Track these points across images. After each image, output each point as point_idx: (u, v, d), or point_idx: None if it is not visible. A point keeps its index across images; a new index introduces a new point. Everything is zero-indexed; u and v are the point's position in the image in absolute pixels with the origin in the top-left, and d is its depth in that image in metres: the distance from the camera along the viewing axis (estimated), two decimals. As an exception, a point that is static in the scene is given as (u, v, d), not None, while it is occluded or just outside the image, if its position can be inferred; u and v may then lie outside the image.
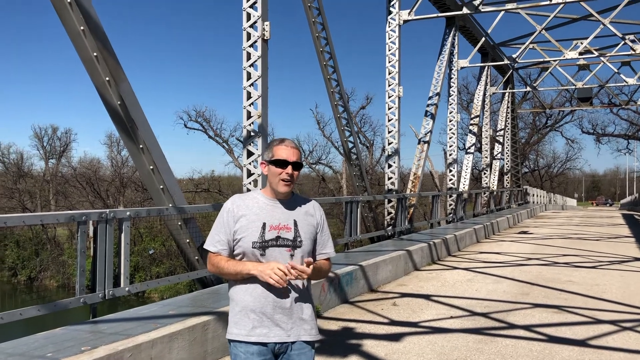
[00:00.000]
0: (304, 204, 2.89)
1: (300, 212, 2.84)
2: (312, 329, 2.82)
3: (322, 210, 2.94)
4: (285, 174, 2.75)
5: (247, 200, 2.83)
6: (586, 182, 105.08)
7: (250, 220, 2.75)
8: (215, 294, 6.58)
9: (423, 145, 17.89)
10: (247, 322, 2.73)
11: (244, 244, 2.73)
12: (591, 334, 6.46)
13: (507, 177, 31.46)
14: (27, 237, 40.57)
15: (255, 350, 2.72)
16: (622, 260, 12.72)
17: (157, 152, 7.02)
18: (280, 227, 2.75)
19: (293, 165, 2.76)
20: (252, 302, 2.72)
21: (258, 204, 2.81)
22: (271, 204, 2.81)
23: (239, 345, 2.74)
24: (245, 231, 2.74)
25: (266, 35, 8.85)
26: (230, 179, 50.41)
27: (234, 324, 2.77)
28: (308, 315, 2.81)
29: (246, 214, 2.76)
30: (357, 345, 5.97)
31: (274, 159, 2.77)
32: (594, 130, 57.45)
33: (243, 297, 2.75)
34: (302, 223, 2.81)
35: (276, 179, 2.77)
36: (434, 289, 9.12)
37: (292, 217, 2.80)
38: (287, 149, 2.77)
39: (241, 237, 2.74)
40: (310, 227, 2.83)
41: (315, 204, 2.94)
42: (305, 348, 2.79)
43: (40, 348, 4.32)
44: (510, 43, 26.76)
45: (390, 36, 14.93)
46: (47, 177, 49.79)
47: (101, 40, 6.43)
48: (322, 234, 2.90)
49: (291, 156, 2.76)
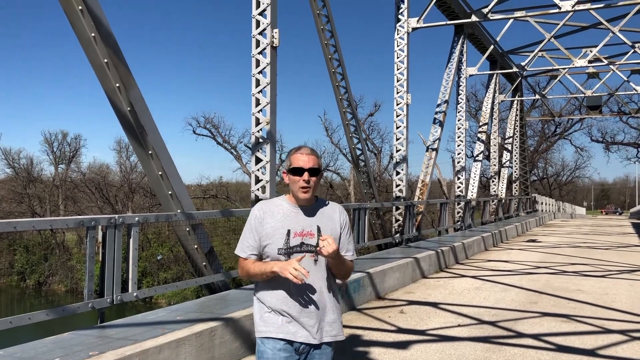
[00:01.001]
0: (327, 209, 2.96)
1: (324, 217, 2.92)
2: (335, 331, 2.89)
3: (345, 214, 3.01)
4: (302, 182, 2.82)
5: (272, 207, 2.91)
6: (595, 191, 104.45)
7: (275, 228, 2.83)
8: (223, 300, 6.59)
9: (431, 152, 17.87)
10: (276, 320, 2.82)
11: (270, 251, 2.83)
12: (600, 343, 6.41)
13: (516, 185, 31.32)
14: (35, 242, 40.80)
15: (282, 347, 2.81)
16: (632, 269, 12.61)
17: (166, 158, 7.05)
18: (304, 234, 2.84)
19: (310, 172, 2.82)
20: (279, 304, 2.82)
21: (282, 210, 2.89)
22: (295, 210, 2.89)
23: (267, 341, 2.83)
24: (270, 238, 2.83)
25: (275, 43, 8.89)
26: (239, 185, 50.54)
27: (263, 323, 2.85)
28: (333, 319, 2.88)
29: (270, 222, 2.85)
30: (365, 352, 5.95)
31: (291, 167, 2.85)
32: (604, 138, 57.21)
33: (270, 300, 2.84)
34: (325, 228, 2.88)
35: (295, 186, 2.85)
36: (442, 296, 9.09)
37: (315, 222, 2.88)
38: (303, 157, 2.84)
39: (267, 243, 2.83)
40: (333, 231, 2.91)
41: (339, 208, 3.01)
42: (327, 349, 2.89)
43: (48, 352, 4.34)
44: (519, 51, 26.71)
45: (399, 44, 14.95)
46: (56, 182, 50.12)
47: (112, 46, 6.48)
48: (344, 237, 2.97)
49: (307, 163, 2.83)
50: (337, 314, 2.91)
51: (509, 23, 19.72)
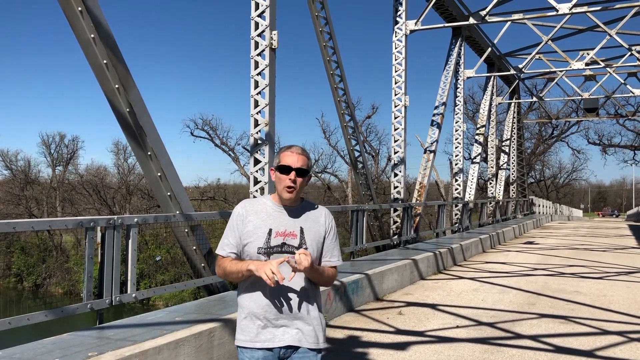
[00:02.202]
0: (313, 210, 2.88)
1: (308, 219, 2.83)
2: (316, 336, 2.80)
3: (331, 218, 2.91)
4: (288, 180, 2.74)
5: (255, 206, 2.84)
6: (592, 193, 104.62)
7: (257, 226, 2.75)
8: (221, 301, 6.59)
9: (429, 154, 17.89)
10: (252, 328, 2.75)
11: (250, 249, 2.75)
12: (598, 344, 6.42)
13: (513, 187, 31.37)
14: (33, 244, 40.73)
15: (261, 356, 2.74)
16: (629, 271, 12.65)
17: (165, 159, 7.05)
18: (286, 234, 2.75)
19: (297, 172, 2.74)
20: (256, 308, 2.74)
21: (266, 209, 2.81)
22: (278, 210, 2.81)
23: (245, 351, 2.77)
24: (251, 236, 2.75)
25: (274, 44, 8.91)
26: (236, 187, 50.52)
27: (241, 330, 2.80)
28: (314, 322, 2.80)
29: (253, 220, 2.77)
30: (363, 354, 5.95)
31: (279, 164, 2.78)
32: (600, 141, 57.29)
33: (248, 304, 2.77)
34: (308, 230, 2.79)
35: (280, 185, 2.77)
36: (440, 298, 9.10)
37: (299, 224, 2.79)
38: (292, 155, 2.77)
39: (247, 242, 2.75)
40: (317, 234, 2.82)
41: (324, 211, 2.91)
42: (309, 353, 2.79)
43: (47, 353, 4.33)
44: (516, 53, 26.76)
45: (397, 46, 14.98)
46: (54, 184, 49.99)
47: (111, 48, 6.49)
48: (329, 242, 2.86)
49: (295, 162, 2.75)
50: (318, 315, 2.83)
51: (507, 25, 19.76)
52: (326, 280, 2.87)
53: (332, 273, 2.88)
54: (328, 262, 2.87)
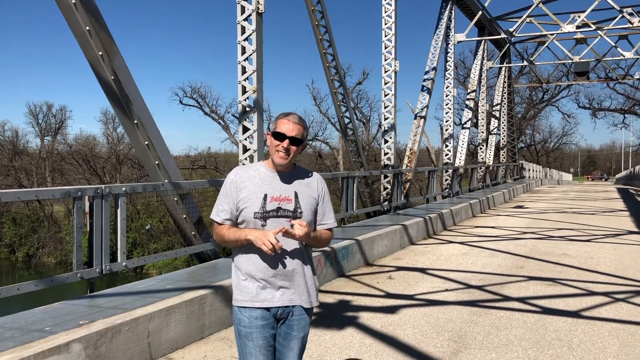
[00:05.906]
0: (305, 176, 2.96)
1: (302, 184, 2.91)
2: (311, 296, 2.92)
3: (323, 182, 3.00)
4: (281, 147, 2.81)
5: (249, 172, 2.90)
6: (582, 157, 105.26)
7: (252, 192, 2.82)
8: (213, 268, 6.62)
9: (419, 120, 17.85)
10: (251, 288, 2.83)
11: (246, 214, 2.81)
12: (584, 305, 6.54)
13: (503, 152, 31.47)
14: (24, 215, 40.59)
15: (259, 315, 2.83)
16: (617, 233, 12.82)
17: (152, 128, 6.98)
18: (281, 199, 2.82)
19: (291, 140, 2.81)
20: (254, 270, 2.83)
21: (260, 175, 2.88)
22: (272, 175, 2.88)
23: (244, 310, 2.85)
24: (247, 202, 2.81)
25: (261, 9, 8.75)
26: (227, 155, 50.28)
27: (239, 291, 2.87)
28: (309, 282, 2.91)
29: (248, 185, 2.84)
30: (354, 317, 6.03)
31: (275, 130, 2.84)
32: (590, 104, 57.30)
33: (245, 266, 2.85)
34: (302, 195, 2.87)
35: (273, 150, 2.84)
36: (430, 262, 9.20)
37: (293, 188, 2.87)
38: (289, 124, 2.83)
39: (244, 207, 2.82)
40: (310, 198, 2.90)
41: (317, 176, 3.00)
42: (303, 314, 2.90)
43: (38, 322, 4.35)
44: (507, 17, 26.51)
45: (387, 9, 14.78)
46: (43, 155, 49.62)
47: (93, 13, 6.35)
48: (323, 205, 2.96)
49: (290, 131, 2.81)
50: (312, 276, 2.94)
51: (498, -12, 19.49)
52: (323, 244, 3.00)
53: (328, 235, 3.00)
54: (323, 225, 2.97)
